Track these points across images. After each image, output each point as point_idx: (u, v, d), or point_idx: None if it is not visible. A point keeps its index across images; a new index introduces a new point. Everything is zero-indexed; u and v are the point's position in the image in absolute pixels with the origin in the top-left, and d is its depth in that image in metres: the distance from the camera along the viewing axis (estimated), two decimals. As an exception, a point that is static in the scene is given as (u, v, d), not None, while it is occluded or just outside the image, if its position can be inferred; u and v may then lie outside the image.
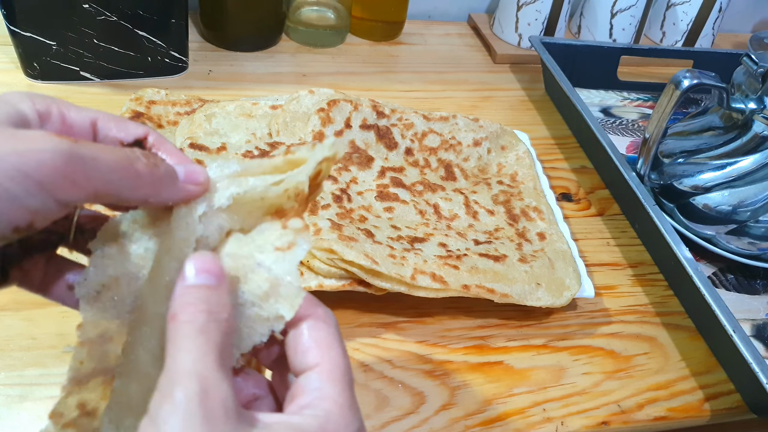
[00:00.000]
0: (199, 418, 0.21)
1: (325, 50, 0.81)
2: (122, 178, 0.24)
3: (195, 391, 0.21)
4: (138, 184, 0.24)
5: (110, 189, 0.24)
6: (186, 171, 0.26)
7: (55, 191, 0.22)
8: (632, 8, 0.86)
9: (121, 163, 0.24)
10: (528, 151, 0.63)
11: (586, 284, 0.51)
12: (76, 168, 0.22)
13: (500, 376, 0.47)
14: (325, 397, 0.24)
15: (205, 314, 0.23)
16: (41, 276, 0.28)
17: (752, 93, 0.57)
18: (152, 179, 0.25)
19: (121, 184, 0.24)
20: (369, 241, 0.48)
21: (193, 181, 0.26)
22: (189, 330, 0.23)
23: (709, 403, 0.48)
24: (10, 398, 0.39)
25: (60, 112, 0.26)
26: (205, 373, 0.22)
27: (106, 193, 0.24)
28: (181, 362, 0.22)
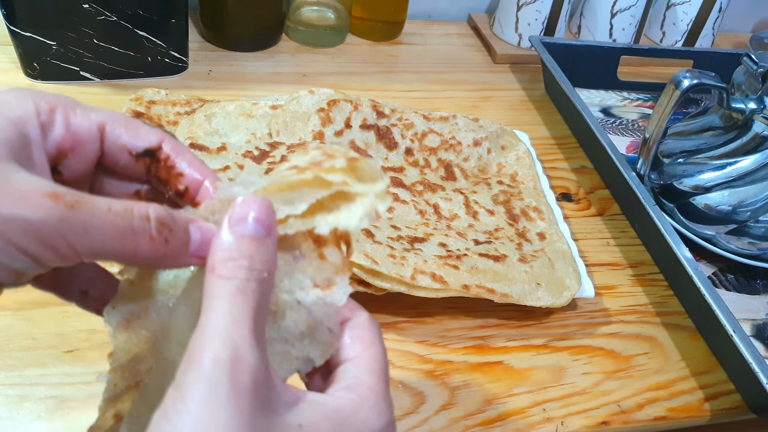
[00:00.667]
0: (226, 388, 0.19)
1: (325, 50, 0.81)
2: (117, 251, 0.21)
3: (224, 358, 0.20)
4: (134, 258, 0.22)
5: (99, 258, 0.22)
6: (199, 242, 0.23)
7: (38, 258, 0.20)
8: (632, 8, 0.86)
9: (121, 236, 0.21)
10: (528, 151, 0.63)
11: (586, 284, 0.51)
12: (63, 240, 0.20)
13: (500, 376, 0.47)
14: (362, 384, 0.24)
15: (246, 271, 0.22)
16: (53, 277, 0.27)
17: (752, 93, 0.57)
18: (154, 255, 0.22)
19: (114, 256, 0.22)
20: (369, 241, 0.48)
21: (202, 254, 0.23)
22: (226, 288, 0.21)
23: (709, 403, 0.48)
24: (10, 398, 0.39)
25: (65, 118, 0.24)
26: (237, 340, 0.20)
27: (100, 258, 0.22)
28: (213, 324, 0.21)
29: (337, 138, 0.57)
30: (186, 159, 0.26)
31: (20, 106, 0.23)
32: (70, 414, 0.39)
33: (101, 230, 0.21)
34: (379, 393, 0.24)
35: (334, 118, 0.58)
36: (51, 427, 0.38)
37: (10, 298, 0.45)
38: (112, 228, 0.21)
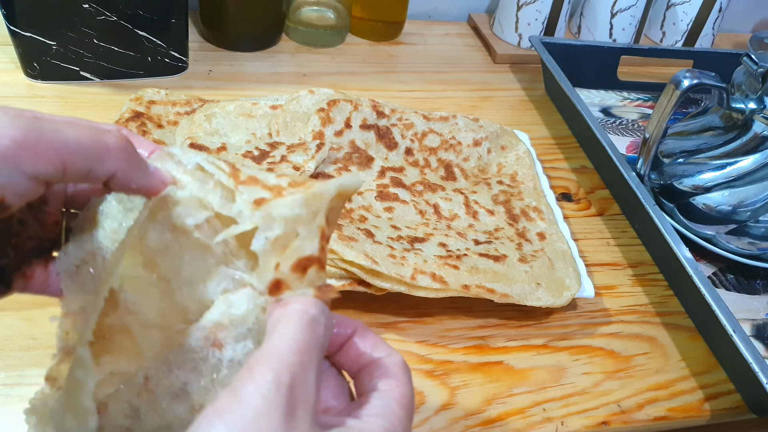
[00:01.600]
0: (282, 408, 0.21)
1: (325, 50, 0.81)
2: (91, 147, 0.23)
3: (285, 382, 0.21)
4: (107, 156, 0.24)
5: (78, 161, 0.23)
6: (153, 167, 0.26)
7: (20, 163, 0.21)
8: (632, 8, 0.86)
9: (90, 133, 0.23)
10: (528, 151, 0.63)
11: (586, 284, 0.51)
12: (38, 138, 0.22)
13: (500, 376, 0.47)
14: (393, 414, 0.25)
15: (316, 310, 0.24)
16: (44, 279, 0.29)
17: (752, 93, 0.57)
18: (123, 154, 0.24)
19: (90, 154, 0.23)
20: (369, 241, 0.48)
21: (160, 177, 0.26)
22: (297, 319, 0.23)
23: (709, 403, 0.48)
24: (10, 398, 0.39)
25: None
26: (300, 368, 0.22)
27: (74, 165, 0.23)
28: (280, 347, 0.22)
29: (337, 138, 0.57)
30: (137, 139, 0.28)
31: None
32: (70, 414, 0.39)
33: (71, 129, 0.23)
34: (407, 427, 0.25)
35: (334, 118, 0.58)
36: (51, 427, 0.38)
37: (10, 298, 0.45)
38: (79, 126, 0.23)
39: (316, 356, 0.23)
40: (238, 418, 0.20)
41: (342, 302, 0.49)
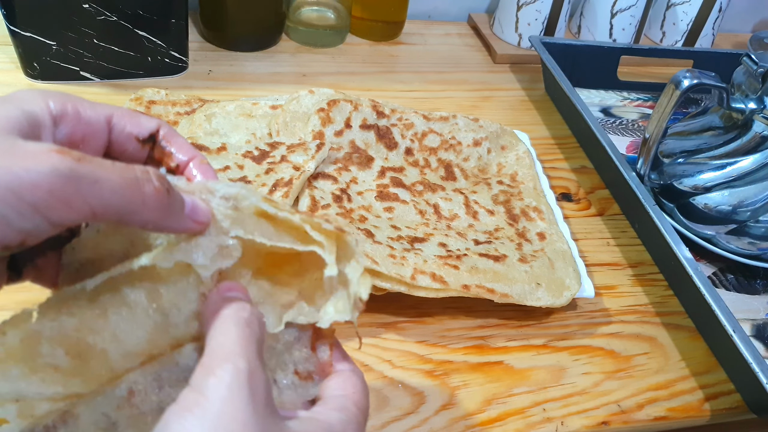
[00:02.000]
0: (246, 392, 0.22)
1: (325, 50, 0.81)
2: (127, 201, 0.22)
3: (243, 368, 0.22)
4: (143, 209, 0.23)
5: (110, 211, 0.22)
6: (191, 206, 0.25)
7: (49, 214, 0.21)
8: (632, 8, 0.86)
9: (128, 185, 0.22)
10: (528, 151, 0.63)
11: (586, 284, 0.51)
12: (74, 191, 0.21)
13: (500, 376, 0.47)
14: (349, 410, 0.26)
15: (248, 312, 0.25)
16: (55, 272, 0.28)
17: (752, 93, 0.57)
18: (159, 205, 0.23)
19: (124, 208, 0.22)
20: (369, 241, 0.48)
21: (195, 218, 0.26)
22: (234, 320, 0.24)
23: (709, 403, 0.48)
24: (10, 398, 0.39)
25: (75, 109, 0.26)
26: (251, 357, 0.23)
27: (105, 215, 0.22)
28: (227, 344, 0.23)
29: (337, 138, 0.57)
30: (177, 143, 0.29)
31: (33, 100, 0.25)
32: (70, 414, 0.39)
33: (109, 180, 0.22)
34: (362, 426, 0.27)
35: (334, 118, 0.58)
36: (51, 427, 0.38)
37: (10, 298, 0.45)
38: (119, 178, 0.22)
39: (259, 348, 0.24)
40: (206, 410, 0.21)
41: (342, 302, 0.49)
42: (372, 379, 0.45)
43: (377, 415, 0.42)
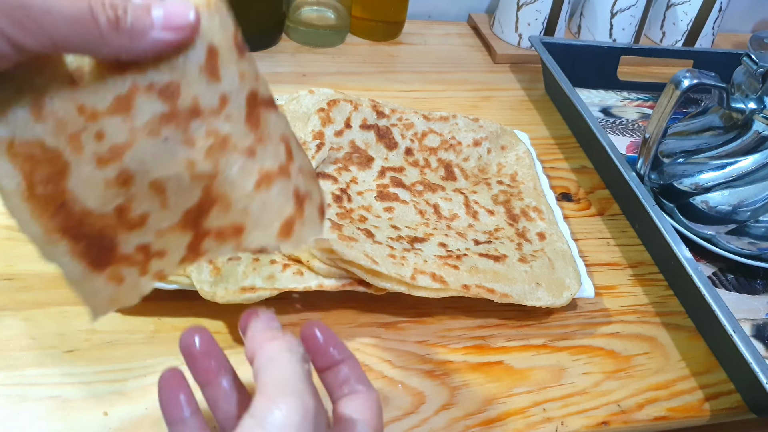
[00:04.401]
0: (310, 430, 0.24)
1: (325, 50, 0.81)
2: (81, 31, 0.22)
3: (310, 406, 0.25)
4: (100, 41, 0.23)
5: (69, 42, 0.22)
6: (165, 14, 0.24)
7: (9, 35, 0.21)
8: (632, 8, 0.86)
9: (81, 16, 0.22)
10: (528, 151, 0.63)
11: (586, 284, 0.51)
12: (26, 16, 0.21)
13: (500, 376, 0.47)
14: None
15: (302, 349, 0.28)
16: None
17: (752, 93, 0.57)
18: (116, 34, 0.23)
19: (81, 39, 0.22)
20: (369, 241, 0.48)
21: (171, 26, 0.24)
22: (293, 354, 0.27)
23: (709, 403, 0.48)
24: (10, 398, 0.39)
25: None
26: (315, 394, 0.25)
27: (65, 46, 0.22)
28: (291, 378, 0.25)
29: (337, 138, 0.57)
30: None
31: None
32: (70, 414, 0.39)
33: (61, 10, 0.22)
34: None
35: (334, 118, 0.58)
36: (51, 427, 0.38)
37: (10, 298, 0.45)
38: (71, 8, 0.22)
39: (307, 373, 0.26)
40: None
41: (342, 302, 0.49)
42: (372, 379, 0.44)
43: (377, 415, 0.42)
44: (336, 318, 0.48)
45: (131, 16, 0.23)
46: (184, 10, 0.24)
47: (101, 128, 0.26)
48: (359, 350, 0.46)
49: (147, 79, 0.26)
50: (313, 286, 0.46)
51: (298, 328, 0.47)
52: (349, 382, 0.31)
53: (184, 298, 0.46)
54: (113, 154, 0.26)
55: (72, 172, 0.26)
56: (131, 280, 0.28)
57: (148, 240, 0.28)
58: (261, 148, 0.28)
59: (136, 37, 0.23)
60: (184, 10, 0.24)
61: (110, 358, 0.43)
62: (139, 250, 0.28)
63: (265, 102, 0.29)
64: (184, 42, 0.25)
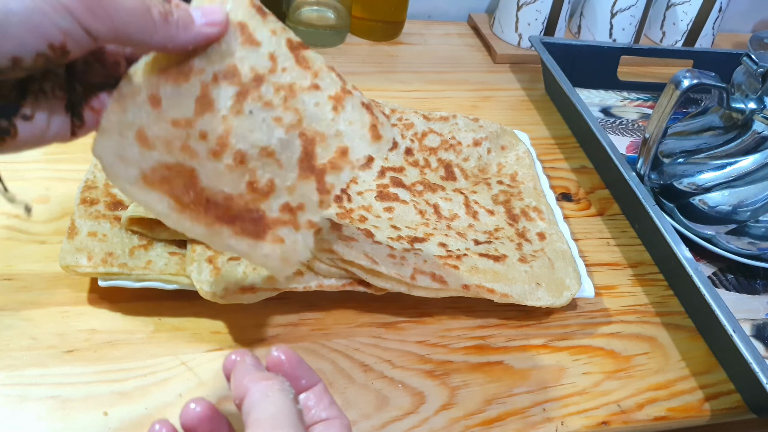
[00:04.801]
0: None
1: (325, 50, 0.81)
2: (138, 21, 0.27)
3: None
4: (153, 30, 0.27)
5: (128, 30, 0.27)
6: (203, 12, 0.29)
7: (80, 18, 0.25)
8: (632, 8, 0.86)
9: (138, 7, 0.27)
10: (528, 151, 0.63)
11: (586, 284, 0.51)
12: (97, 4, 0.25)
13: (500, 376, 0.47)
14: None
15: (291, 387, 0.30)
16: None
17: (752, 93, 0.57)
18: (166, 25, 0.28)
19: (138, 27, 0.27)
20: (369, 241, 0.48)
21: (209, 22, 0.29)
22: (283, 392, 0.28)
23: (709, 403, 0.48)
24: (10, 398, 0.39)
25: None
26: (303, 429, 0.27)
27: (125, 33, 0.27)
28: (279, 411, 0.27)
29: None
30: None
31: None
32: (70, 414, 0.39)
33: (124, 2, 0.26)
34: None
35: (334, 118, 0.58)
36: (51, 427, 0.38)
37: (10, 298, 0.45)
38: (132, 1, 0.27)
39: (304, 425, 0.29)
40: None
41: (342, 302, 0.49)
42: (372, 379, 0.45)
43: (377, 415, 0.42)
44: (336, 318, 0.48)
45: (177, 13, 0.28)
46: (218, 9, 0.30)
47: (201, 129, 0.30)
48: (359, 350, 0.46)
49: (209, 74, 0.30)
50: (313, 286, 0.46)
51: (298, 328, 0.47)
52: (319, 409, 0.31)
53: (184, 298, 0.46)
54: (221, 144, 0.30)
55: (200, 174, 0.31)
56: (291, 237, 0.32)
57: (285, 199, 0.32)
58: (320, 80, 0.32)
59: (181, 29, 0.28)
60: (218, 9, 0.30)
61: (110, 358, 0.43)
62: (283, 210, 0.32)
63: (300, 44, 0.33)
64: (219, 35, 0.30)
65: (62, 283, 0.46)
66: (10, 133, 0.27)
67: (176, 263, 0.45)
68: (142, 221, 0.46)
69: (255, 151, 0.31)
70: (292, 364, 0.32)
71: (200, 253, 0.45)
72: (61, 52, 0.25)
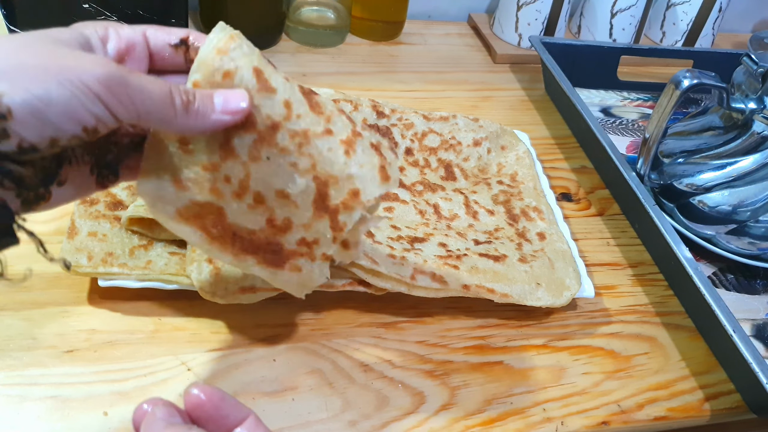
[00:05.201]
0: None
1: (325, 50, 0.81)
2: (161, 110, 0.28)
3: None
4: (173, 118, 0.29)
5: (150, 117, 0.28)
6: (224, 100, 0.30)
7: (108, 104, 0.26)
8: (632, 8, 0.86)
9: (164, 97, 0.28)
10: (528, 151, 0.63)
11: (586, 284, 0.51)
12: (125, 92, 0.27)
13: (500, 376, 0.47)
14: None
15: None
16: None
17: (752, 93, 0.57)
18: (186, 115, 0.29)
19: (159, 116, 0.28)
20: (369, 241, 0.48)
21: (228, 111, 0.30)
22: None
23: (709, 403, 0.48)
24: (10, 398, 0.39)
25: (115, 30, 0.32)
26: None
27: (147, 119, 0.28)
28: None
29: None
30: None
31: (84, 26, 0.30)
32: (70, 414, 0.39)
33: (151, 91, 0.28)
34: None
35: (334, 118, 0.58)
36: (51, 427, 0.38)
37: (10, 298, 0.45)
38: (158, 90, 0.28)
39: None
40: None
41: (342, 302, 0.49)
42: (372, 379, 0.45)
43: (377, 415, 0.42)
44: (336, 318, 0.48)
45: (198, 102, 0.30)
46: (239, 97, 0.31)
47: (226, 173, 0.33)
48: (359, 350, 0.46)
49: None
50: (313, 286, 0.46)
51: (298, 328, 0.47)
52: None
53: (184, 298, 0.46)
54: (242, 187, 0.33)
55: (227, 211, 0.34)
56: (307, 267, 0.36)
57: (302, 235, 0.35)
58: (333, 125, 0.34)
59: (201, 118, 0.30)
60: (239, 97, 0.31)
61: (110, 358, 0.43)
62: (300, 244, 0.35)
63: (310, 90, 0.35)
64: (237, 122, 0.31)
65: (62, 283, 0.46)
66: (45, 198, 0.29)
67: (176, 263, 0.45)
68: (142, 221, 0.46)
69: (271, 194, 0.34)
70: (214, 402, 0.28)
71: (200, 253, 0.45)
72: (93, 133, 0.27)
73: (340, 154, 0.34)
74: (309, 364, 0.45)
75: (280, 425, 0.41)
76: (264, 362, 0.44)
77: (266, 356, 0.45)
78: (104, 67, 0.26)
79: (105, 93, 0.26)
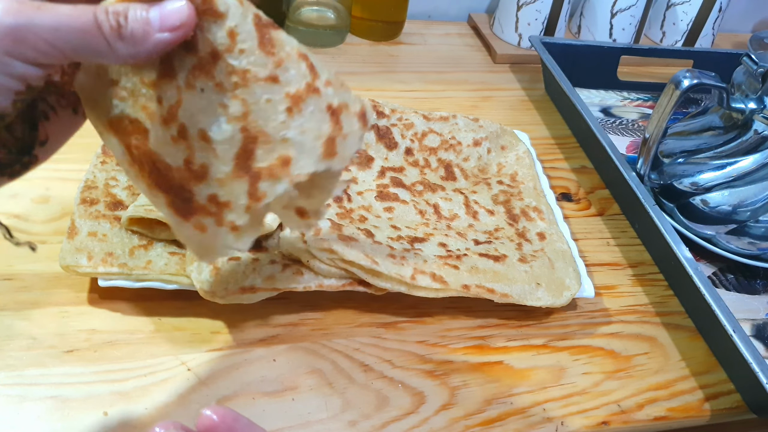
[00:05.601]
0: None
1: (325, 50, 0.81)
2: (88, 41, 0.24)
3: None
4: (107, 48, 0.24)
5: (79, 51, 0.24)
6: (161, 15, 0.25)
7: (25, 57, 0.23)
8: (632, 8, 0.86)
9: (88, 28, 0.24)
10: (528, 151, 0.63)
11: (586, 284, 0.51)
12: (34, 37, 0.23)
13: (500, 376, 0.47)
14: None
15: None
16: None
17: (752, 93, 0.57)
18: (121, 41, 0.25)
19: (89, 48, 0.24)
20: (369, 241, 0.48)
21: (167, 27, 0.25)
22: None
23: (709, 403, 0.48)
24: (10, 398, 0.39)
25: None
26: None
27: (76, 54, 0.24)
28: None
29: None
30: None
31: None
32: (70, 414, 0.39)
33: (69, 25, 0.23)
34: None
35: (334, 118, 0.58)
36: (51, 427, 0.38)
37: (10, 298, 0.45)
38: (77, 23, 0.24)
39: None
40: None
41: (342, 302, 0.49)
42: (372, 379, 0.45)
43: (377, 415, 0.42)
44: (336, 318, 0.48)
45: (131, 23, 0.25)
46: (178, 8, 0.25)
47: (159, 94, 0.28)
48: (359, 350, 0.46)
49: None
50: (313, 286, 0.46)
51: (298, 328, 0.47)
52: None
53: (184, 298, 0.46)
54: (170, 114, 0.28)
55: (150, 135, 0.29)
56: (212, 229, 0.30)
57: (215, 191, 0.30)
58: (282, 72, 0.29)
59: (138, 42, 0.25)
60: (178, 8, 0.25)
61: (110, 358, 0.43)
62: (210, 201, 0.30)
63: (270, 23, 0.29)
64: (183, 37, 0.26)
65: (62, 283, 0.46)
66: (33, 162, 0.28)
67: (176, 263, 0.45)
68: (142, 221, 0.46)
69: (194, 131, 0.29)
70: (228, 423, 0.27)
71: (200, 253, 0.45)
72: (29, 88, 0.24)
73: (281, 110, 0.28)
74: (309, 364, 0.45)
75: (280, 425, 0.41)
76: (264, 362, 0.44)
77: (266, 356, 0.45)
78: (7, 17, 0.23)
79: (13, 47, 0.23)
